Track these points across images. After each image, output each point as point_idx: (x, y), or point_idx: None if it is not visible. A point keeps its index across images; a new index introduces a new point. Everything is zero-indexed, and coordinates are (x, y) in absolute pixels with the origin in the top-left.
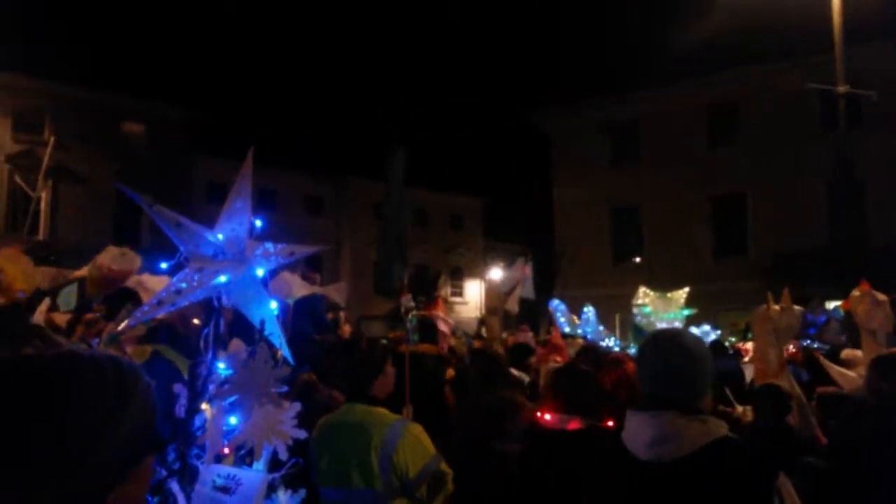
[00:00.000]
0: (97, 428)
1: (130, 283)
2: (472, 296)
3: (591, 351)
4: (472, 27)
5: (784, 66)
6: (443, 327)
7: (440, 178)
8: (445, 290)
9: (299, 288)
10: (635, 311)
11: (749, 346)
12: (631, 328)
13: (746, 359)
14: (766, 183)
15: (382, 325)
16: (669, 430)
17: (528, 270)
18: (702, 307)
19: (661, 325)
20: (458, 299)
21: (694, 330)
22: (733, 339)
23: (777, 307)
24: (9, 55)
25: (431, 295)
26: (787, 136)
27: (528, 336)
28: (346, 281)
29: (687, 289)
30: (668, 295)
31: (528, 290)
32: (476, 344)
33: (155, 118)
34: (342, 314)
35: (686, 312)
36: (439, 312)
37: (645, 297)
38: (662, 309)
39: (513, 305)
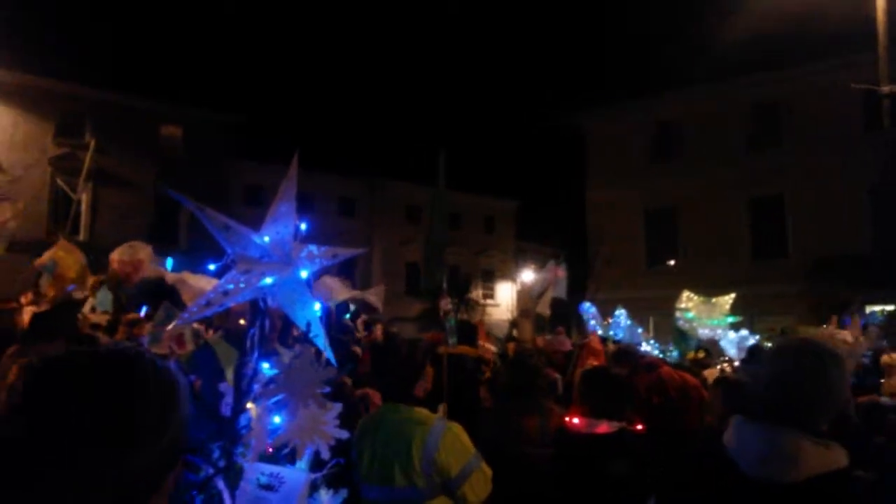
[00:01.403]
0: (157, 424)
1: (171, 279)
2: (504, 298)
3: (627, 354)
4: (506, 29)
5: (827, 65)
6: (487, 355)
7: (472, 181)
8: (477, 293)
9: (341, 292)
10: (678, 315)
11: None
12: (673, 332)
13: None
14: (807, 185)
15: (414, 326)
16: (788, 450)
17: (561, 272)
18: (739, 311)
19: (705, 331)
20: (489, 301)
21: (732, 334)
22: (769, 345)
23: (852, 334)
24: (51, 62)
25: (464, 297)
26: (830, 137)
27: (563, 339)
28: (380, 283)
29: (733, 295)
30: (713, 300)
31: (560, 291)
32: (509, 347)
33: (192, 122)
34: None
35: (731, 319)
36: (483, 343)
37: (689, 302)
38: (706, 314)
39: (544, 308)
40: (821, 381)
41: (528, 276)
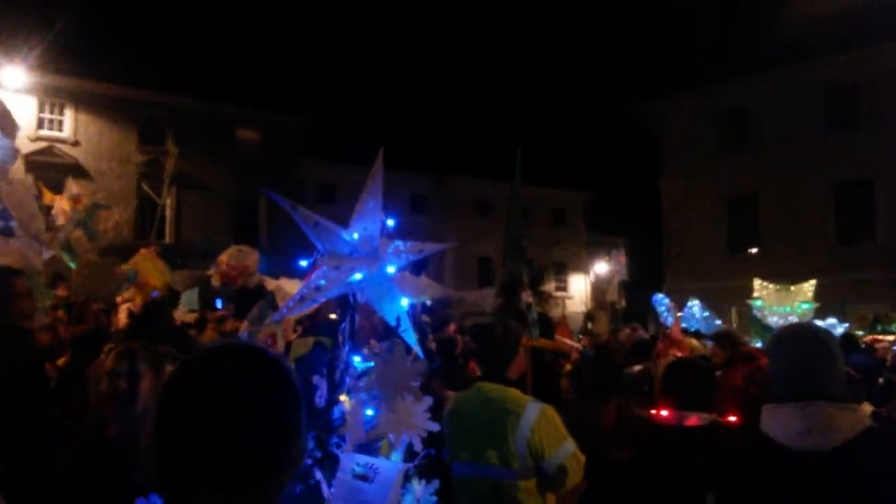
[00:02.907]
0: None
1: (271, 286)
2: (577, 290)
3: (729, 338)
4: (574, 19)
5: None
6: (565, 349)
7: (542, 173)
8: (549, 285)
9: (434, 289)
10: (750, 303)
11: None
12: (752, 323)
13: None
14: (894, 168)
15: (488, 320)
16: (823, 420)
17: (623, 258)
18: (827, 299)
19: (774, 319)
20: (562, 294)
21: (819, 323)
22: (861, 333)
23: None
24: (132, 71)
25: (537, 290)
26: None
27: (639, 334)
28: (452, 278)
29: (813, 281)
30: (793, 287)
31: (623, 275)
32: (583, 340)
33: (267, 124)
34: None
35: (806, 306)
36: (565, 340)
37: (762, 290)
38: (776, 302)
39: (613, 295)
40: (826, 356)
41: (601, 267)
